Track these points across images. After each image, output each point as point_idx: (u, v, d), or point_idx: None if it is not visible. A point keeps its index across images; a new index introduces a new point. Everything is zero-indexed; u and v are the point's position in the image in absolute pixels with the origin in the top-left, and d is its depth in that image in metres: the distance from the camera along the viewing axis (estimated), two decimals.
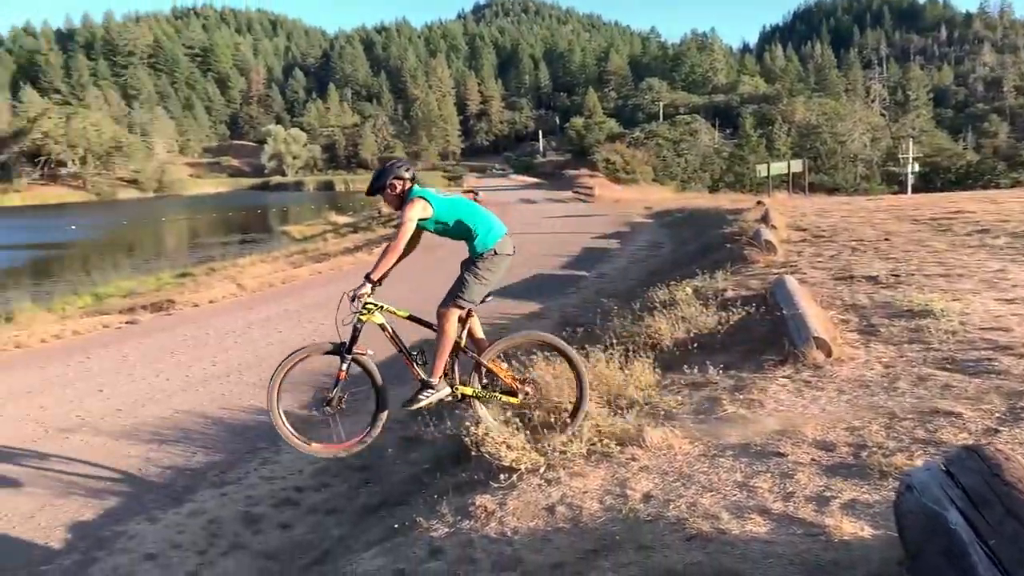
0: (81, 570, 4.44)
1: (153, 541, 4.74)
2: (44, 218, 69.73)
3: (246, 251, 28.62)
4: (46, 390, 8.28)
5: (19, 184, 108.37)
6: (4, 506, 5.30)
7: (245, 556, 4.56)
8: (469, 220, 4.43)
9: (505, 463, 3.90)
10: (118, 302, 15.33)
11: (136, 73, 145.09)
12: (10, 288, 23.84)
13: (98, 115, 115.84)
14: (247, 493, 5.44)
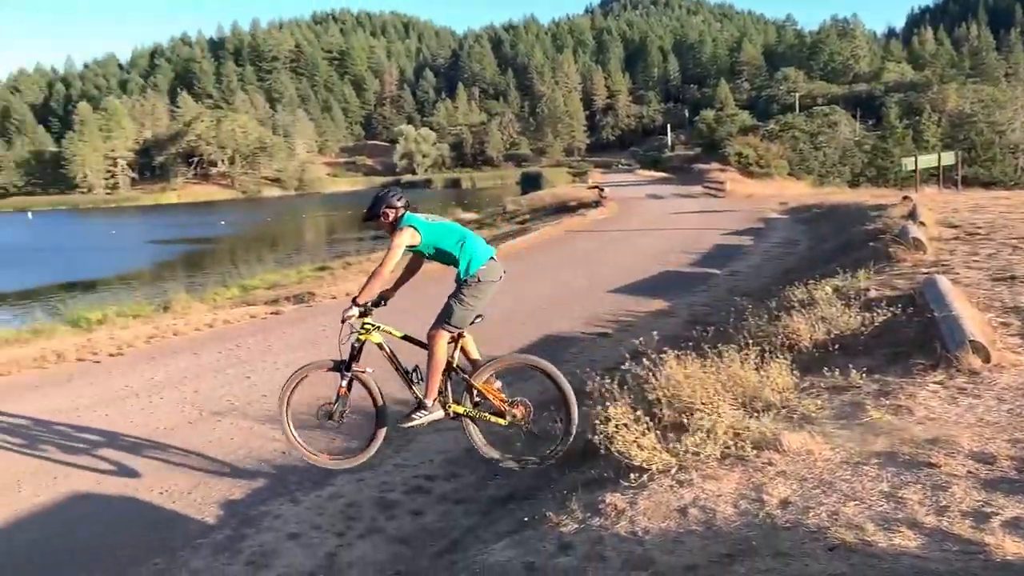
0: (232, 545, 4.75)
1: (296, 521, 5.01)
2: (196, 215, 75.18)
3: (378, 247, 29.67)
4: (200, 375, 8.92)
5: (175, 183, 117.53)
6: (165, 482, 5.75)
7: (380, 540, 4.73)
8: (453, 247, 4.61)
9: (635, 463, 3.86)
10: (263, 294, 16.26)
11: (279, 77, 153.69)
12: (167, 279, 25.91)
13: (245, 118, 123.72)
14: (382, 479, 5.65)
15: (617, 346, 9.02)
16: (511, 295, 13.35)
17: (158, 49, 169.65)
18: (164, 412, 7.50)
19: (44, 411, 7.68)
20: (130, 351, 10.36)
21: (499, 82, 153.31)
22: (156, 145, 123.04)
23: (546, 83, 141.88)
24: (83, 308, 15.66)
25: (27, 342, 11.17)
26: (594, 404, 4.64)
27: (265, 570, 4.39)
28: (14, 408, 7.82)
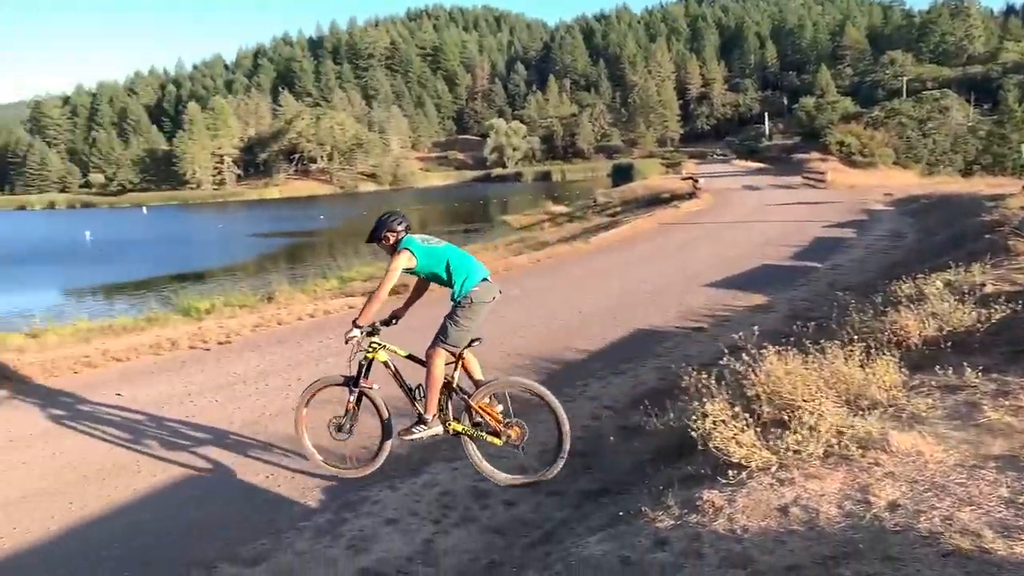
0: (332, 528, 4.92)
1: (394, 508, 5.14)
2: (297, 209, 77.92)
3: (469, 240, 30.07)
4: (302, 363, 9.26)
5: (277, 179, 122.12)
6: (271, 466, 6.01)
7: (474, 529, 4.80)
8: (447, 269, 4.83)
9: (734, 460, 3.79)
10: (360, 285, 16.71)
11: (375, 74, 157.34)
12: (270, 271, 26.97)
13: (342, 115, 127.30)
14: (475, 470, 5.72)
15: (713, 341, 8.85)
16: (602, 289, 13.30)
17: (261, 49, 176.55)
18: (269, 398, 7.84)
19: (160, 396, 8.16)
20: (237, 339, 10.86)
21: (590, 73, 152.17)
22: (259, 143, 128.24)
23: (639, 73, 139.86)
24: (193, 298, 16.47)
25: (143, 330, 11.85)
26: (690, 400, 4.57)
27: (364, 554, 4.53)
28: (133, 392, 8.34)
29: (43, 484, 5.85)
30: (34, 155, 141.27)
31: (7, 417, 7.61)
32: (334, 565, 4.41)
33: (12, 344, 11.15)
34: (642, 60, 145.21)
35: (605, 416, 6.72)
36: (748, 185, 42.94)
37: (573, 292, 13.20)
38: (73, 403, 8.00)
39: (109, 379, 9.03)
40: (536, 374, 8.22)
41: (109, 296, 27.03)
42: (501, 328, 10.57)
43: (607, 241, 20.90)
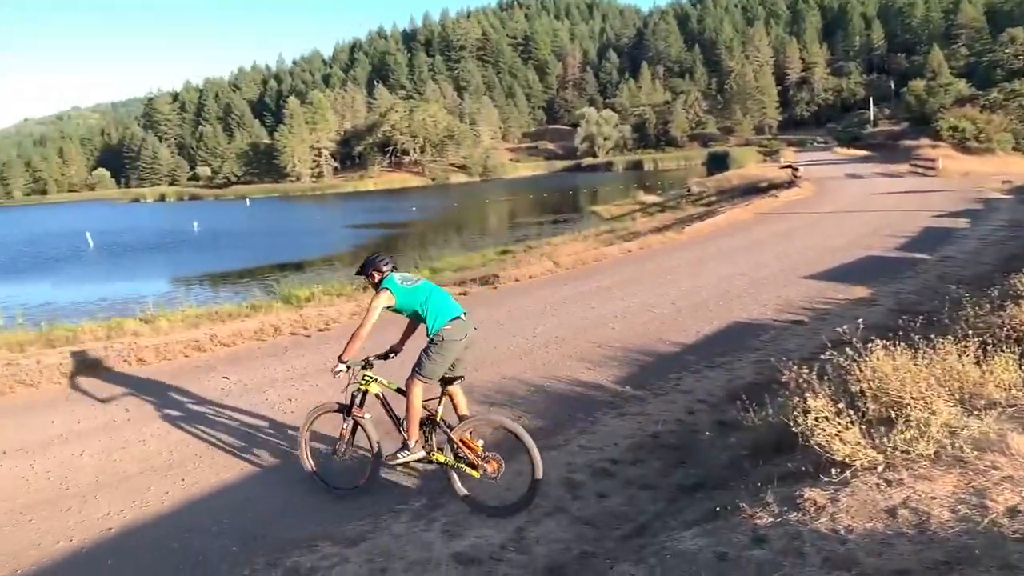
0: (428, 513, 5.03)
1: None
2: (390, 201, 79.54)
3: (559, 230, 30.06)
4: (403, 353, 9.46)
5: (372, 171, 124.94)
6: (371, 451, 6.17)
7: (565, 519, 4.82)
8: (422, 308, 5.08)
9: (837, 457, 3.66)
10: (450, 275, 16.97)
11: (466, 66, 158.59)
12: None
13: (435, 107, 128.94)
14: (567, 460, 5.73)
15: (813, 335, 8.57)
16: (696, 280, 13.05)
17: (357, 44, 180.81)
18: None
19: (263, 379, 8.52)
20: (335, 327, 11.22)
21: (685, 59, 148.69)
22: (355, 135, 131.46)
23: (735, 58, 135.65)
24: (293, 286, 17.11)
25: (247, 317, 12.39)
26: (790, 395, 4.43)
27: (458, 539, 4.61)
28: (238, 376, 8.74)
29: (158, 461, 6.21)
30: (147, 149, 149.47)
31: (126, 397, 8.11)
32: (429, 548, 4.51)
33: (128, 328, 11.87)
34: (739, 45, 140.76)
35: (699, 410, 6.61)
36: (851, 173, 41.16)
37: (666, 283, 13.00)
38: (184, 385, 8.46)
39: (217, 363, 9.49)
40: (627, 366, 8.18)
41: (215, 284, 28.34)
42: (590, 319, 10.56)
43: (702, 231, 20.47)
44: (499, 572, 4.21)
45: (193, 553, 4.68)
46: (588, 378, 7.83)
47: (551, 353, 8.88)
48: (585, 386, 7.56)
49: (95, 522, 5.18)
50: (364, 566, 4.34)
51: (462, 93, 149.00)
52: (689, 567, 3.21)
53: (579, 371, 8.08)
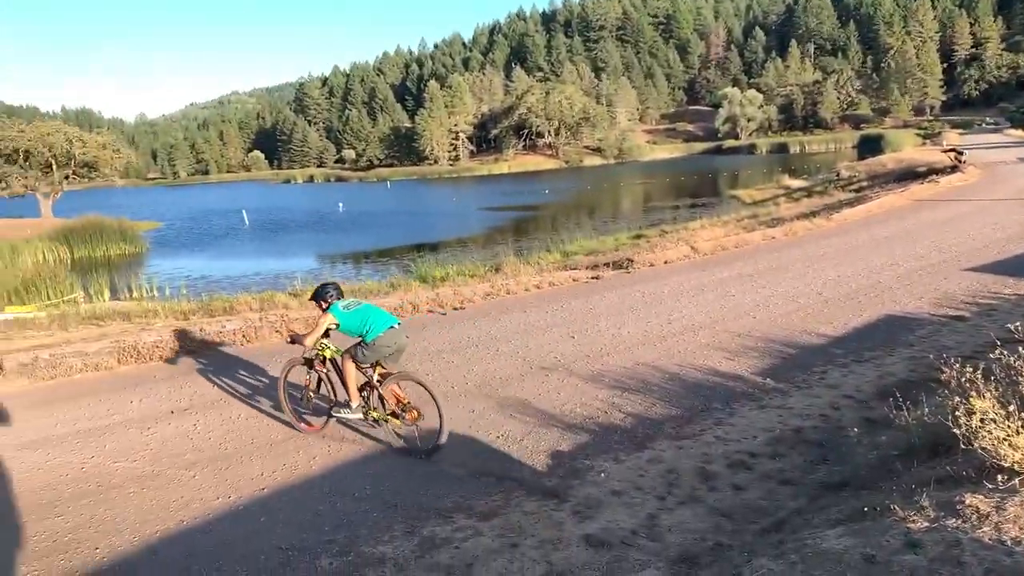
0: (557, 494, 5.06)
1: (618, 480, 5.19)
2: (523, 184, 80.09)
3: (696, 215, 29.25)
4: (530, 332, 9.58)
5: (507, 154, 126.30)
6: (502, 428, 6.31)
7: (700, 509, 4.72)
8: (359, 329, 6.13)
9: (1005, 463, 3.38)
10: (583, 259, 16.94)
11: (605, 46, 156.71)
12: (497, 243, 28.08)
13: (571, 88, 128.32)
14: (702, 450, 5.61)
15: (976, 332, 7.96)
16: (845, 270, 12.37)
17: (496, 26, 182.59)
18: (500, 363, 8.22)
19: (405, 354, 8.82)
20: (470, 306, 11.47)
21: (838, 36, 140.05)
22: (492, 118, 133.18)
23: (895, 34, 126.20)
24: (429, 266, 17.64)
25: (387, 294, 12.89)
26: (950, 395, 4.11)
27: (589, 521, 4.62)
28: None
29: None
30: (297, 133, 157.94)
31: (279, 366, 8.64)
32: (560, 528, 4.54)
33: (279, 301, 12.67)
34: (900, 20, 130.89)
35: (845, 407, 6.29)
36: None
37: (812, 272, 12.38)
38: None
39: None
40: (768, 358, 7.90)
41: (357, 261, 29.63)
42: (729, 307, 10.25)
43: (851, 218, 19.35)
44: (630, 557, 4.18)
45: (337, 516, 4.94)
46: (726, 368, 7.61)
47: (687, 341, 8.70)
48: (722, 376, 7.36)
49: (249, 481, 5.57)
50: (496, 540, 4.43)
51: (600, 74, 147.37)
52: (834, 567, 3.06)
53: (716, 360, 7.87)
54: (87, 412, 7.34)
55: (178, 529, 4.90)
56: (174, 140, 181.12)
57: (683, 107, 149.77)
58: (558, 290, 12.49)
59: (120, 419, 7.07)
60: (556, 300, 11.53)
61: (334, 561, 4.36)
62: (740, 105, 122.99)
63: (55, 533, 4.90)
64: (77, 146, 52.75)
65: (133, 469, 5.87)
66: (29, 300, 21.03)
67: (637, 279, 12.93)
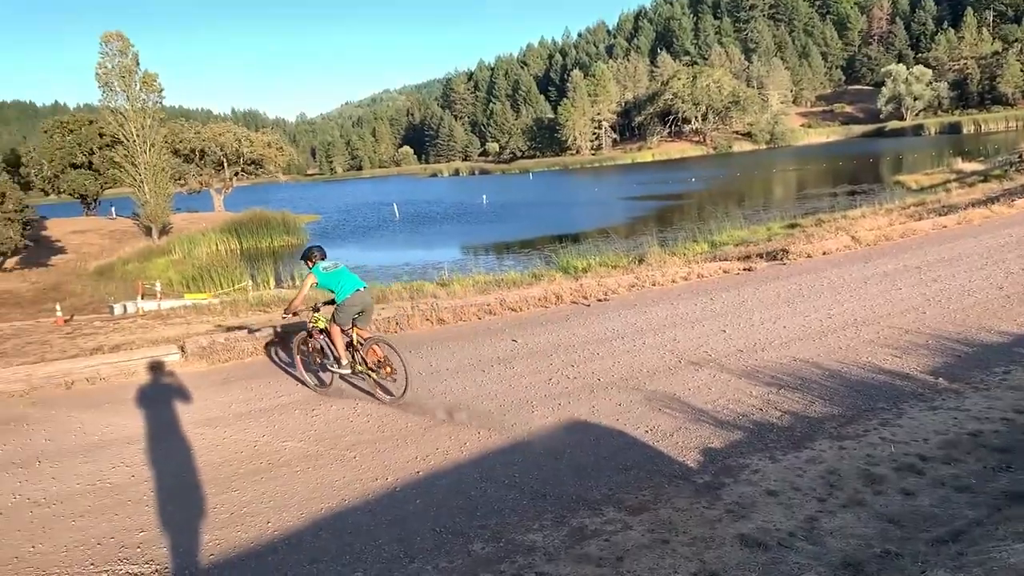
0: (710, 491, 4.93)
1: (774, 479, 4.98)
2: (668, 171, 78.61)
3: (856, 202, 27.55)
4: (677, 325, 9.38)
5: (651, 142, 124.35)
6: (650, 422, 6.21)
7: (864, 513, 4.45)
8: (334, 287, 7.47)
9: None
10: (733, 250, 16.37)
11: (756, 26, 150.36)
12: (640, 233, 27.71)
13: (719, 72, 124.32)
14: (867, 451, 5.28)
15: None
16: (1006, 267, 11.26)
17: (642, 11, 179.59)
18: (646, 356, 8.10)
19: (547, 345, 8.90)
20: (614, 297, 11.38)
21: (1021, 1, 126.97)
22: (635, 106, 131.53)
23: None
24: (571, 257, 17.68)
25: (530, 285, 13.03)
26: None
27: (743, 520, 4.46)
28: (525, 340, 9.22)
29: (457, 415, 6.78)
30: (444, 128, 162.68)
31: (431, 352, 8.95)
32: (712, 526, 4.42)
33: (428, 291, 13.12)
34: None
35: None
36: None
37: (990, 264, 11.32)
38: (480, 344, 9.14)
39: (506, 326, 10.10)
40: (940, 356, 7.34)
41: (499, 252, 30.17)
42: (896, 301, 9.61)
43: None
44: (788, 560, 4.00)
45: (488, 502, 5.05)
46: (892, 366, 7.12)
47: (848, 337, 8.20)
48: (889, 374, 6.89)
49: (405, 464, 5.80)
50: (646, 535, 4.37)
51: (750, 55, 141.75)
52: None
53: (882, 358, 7.38)
54: (258, 393, 7.91)
55: (340, 506, 5.18)
56: (331, 138, 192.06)
57: (841, 87, 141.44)
58: (707, 282, 12.15)
59: (287, 401, 7.57)
60: (705, 292, 11.21)
61: (486, 546, 4.46)
62: (906, 83, 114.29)
63: (232, 506, 5.31)
64: (245, 145, 56.89)
65: (300, 448, 6.26)
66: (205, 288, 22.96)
67: (793, 271, 12.35)
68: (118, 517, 5.25)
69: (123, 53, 34.74)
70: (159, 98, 36.75)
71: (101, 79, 34.78)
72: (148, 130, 35.76)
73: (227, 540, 4.84)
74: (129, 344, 10.59)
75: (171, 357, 9.33)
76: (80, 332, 12.17)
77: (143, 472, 6.01)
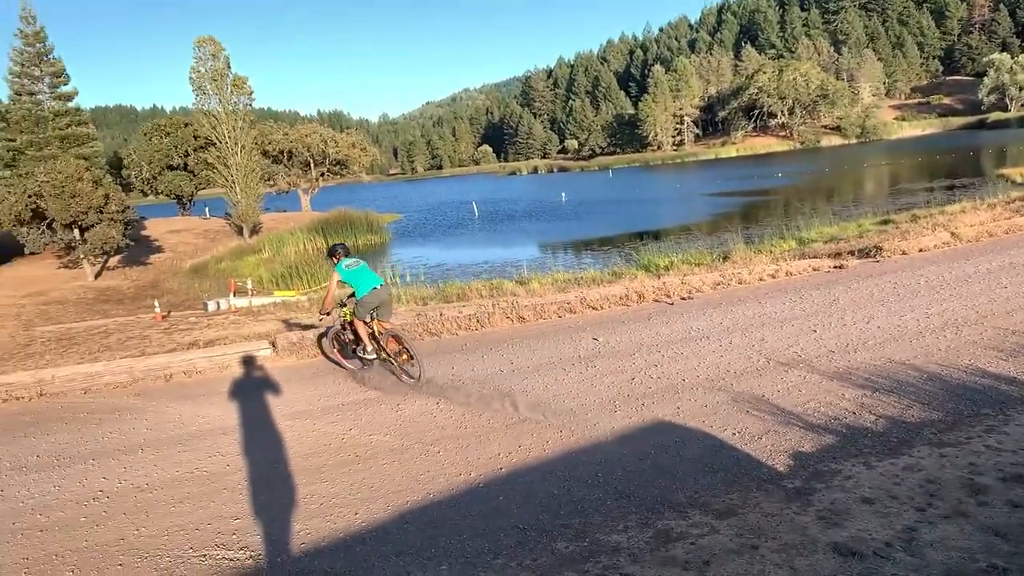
0: (801, 496, 4.76)
1: (869, 487, 4.77)
2: (752, 167, 76.62)
3: (954, 197, 26.23)
4: (765, 324, 9.12)
5: (735, 137, 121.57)
6: (737, 424, 6.06)
7: (968, 525, 4.21)
8: (354, 284, 8.25)
9: None
10: (822, 247, 15.80)
11: (846, 17, 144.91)
12: (723, 230, 27.10)
13: (807, 65, 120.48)
14: (970, 460, 5.01)
15: None
16: None
17: (725, 4, 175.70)
18: (733, 356, 7.91)
19: (630, 343, 8.80)
20: (698, 296, 11.17)
21: None
22: (719, 101, 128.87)
23: None
24: (652, 255, 17.41)
25: (610, 283, 12.91)
26: None
27: (836, 528, 4.29)
28: (606, 338, 9.15)
29: (538, 414, 6.78)
30: (523, 126, 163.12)
31: (514, 351, 8.99)
32: (803, 533, 4.27)
33: (507, 289, 13.16)
34: None
35: None
36: None
37: None
38: (560, 343, 9.11)
39: (586, 324, 10.05)
40: None
41: (577, 250, 29.98)
42: (1000, 300, 9.12)
43: None
44: (885, 571, 3.82)
45: (572, 501, 5.02)
46: (998, 369, 6.73)
47: (949, 338, 7.80)
48: (994, 378, 6.52)
49: (488, 460, 5.83)
50: (734, 540, 4.26)
51: (840, 47, 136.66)
52: None
53: (986, 361, 6.98)
54: (345, 388, 8.12)
55: (425, 500, 5.25)
56: (412, 137, 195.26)
57: (939, 78, 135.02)
58: (796, 280, 11.80)
59: (373, 396, 7.74)
60: (794, 291, 10.88)
61: (569, 545, 4.43)
62: (1010, 72, 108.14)
63: (321, 496, 5.45)
64: (331, 146, 58.35)
65: (385, 442, 6.38)
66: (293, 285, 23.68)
67: (887, 269, 11.86)
68: (214, 504, 5.47)
69: (215, 57, 36.10)
70: (249, 100, 38.03)
71: (194, 82, 36.26)
72: (239, 132, 37.05)
73: (317, 530, 4.97)
74: (223, 339, 11.03)
75: (262, 352, 9.67)
76: (177, 328, 12.73)
77: (237, 461, 6.24)
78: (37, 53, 30.97)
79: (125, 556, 4.83)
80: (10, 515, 5.56)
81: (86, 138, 32.60)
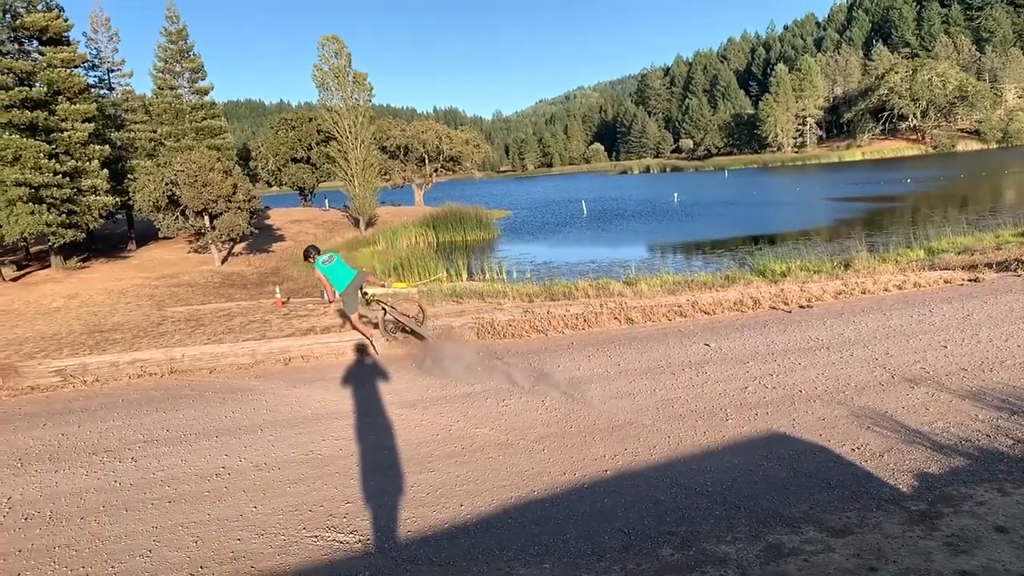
0: (925, 520, 4.49)
1: (1004, 514, 4.45)
2: (879, 172, 72.82)
3: None
4: (890, 337, 8.65)
5: (861, 139, 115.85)
6: (857, 440, 5.79)
7: None
8: (333, 279, 9.20)
9: None
10: (954, 258, 14.85)
11: (991, 13, 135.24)
12: (845, 237, 25.87)
13: (944, 64, 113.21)
14: None
15: None
16: None
17: (857, 1, 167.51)
18: (854, 369, 7.55)
19: (744, 351, 8.55)
20: (818, 304, 10.73)
21: None
22: (845, 101, 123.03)
23: None
24: (768, 260, 16.83)
25: (723, 287, 12.58)
26: None
27: (966, 556, 4.03)
28: (719, 344, 8.92)
29: (645, 415, 6.69)
30: (637, 124, 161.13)
31: (619, 351, 8.90)
32: (928, 558, 4.03)
33: (614, 289, 13.04)
34: None
35: None
36: None
37: None
38: (670, 347, 8.96)
39: (697, 329, 9.83)
40: None
41: (688, 253, 29.31)
42: None
43: None
44: None
45: (678, 508, 4.93)
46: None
47: None
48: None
49: (593, 462, 5.80)
50: (851, 560, 4.07)
51: (983, 46, 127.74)
52: None
53: None
54: (452, 380, 8.25)
55: (529, 497, 5.28)
56: (524, 135, 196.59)
57: None
58: (925, 292, 11.14)
59: (480, 389, 7.84)
60: (923, 303, 10.27)
61: (675, 553, 4.35)
62: None
63: (428, 486, 5.58)
64: (445, 142, 59.45)
65: (491, 436, 6.46)
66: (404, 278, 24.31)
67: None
68: (327, 487, 5.69)
69: (338, 55, 37.44)
70: (369, 97, 39.26)
71: (317, 79, 37.72)
72: (359, 127, 38.30)
73: (423, 518, 5.08)
74: (338, 327, 11.44)
75: (376, 341, 9.97)
76: (295, 314, 13.31)
77: (349, 446, 6.47)
78: (179, 50, 33.00)
79: (244, 532, 5.09)
80: (142, 485, 5.97)
81: (219, 130, 34.50)
